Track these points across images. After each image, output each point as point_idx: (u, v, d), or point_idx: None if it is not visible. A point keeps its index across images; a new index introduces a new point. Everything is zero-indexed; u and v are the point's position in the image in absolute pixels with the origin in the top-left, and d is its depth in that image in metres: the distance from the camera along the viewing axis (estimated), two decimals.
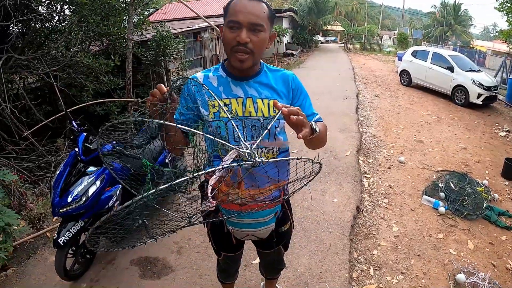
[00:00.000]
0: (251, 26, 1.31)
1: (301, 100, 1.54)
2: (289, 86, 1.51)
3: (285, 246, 1.93)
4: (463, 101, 10.49)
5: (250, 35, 1.31)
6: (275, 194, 1.58)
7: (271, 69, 1.53)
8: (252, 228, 1.65)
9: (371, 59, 22.31)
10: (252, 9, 1.31)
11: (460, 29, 40.36)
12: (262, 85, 1.47)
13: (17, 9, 5.46)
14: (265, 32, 1.34)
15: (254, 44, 1.33)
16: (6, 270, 2.95)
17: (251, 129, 1.44)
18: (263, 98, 1.45)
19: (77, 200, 2.39)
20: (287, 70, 1.58)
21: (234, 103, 1.44)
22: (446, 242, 3.59)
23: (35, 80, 6.97)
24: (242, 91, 1.45)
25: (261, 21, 1.32)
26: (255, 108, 1.44)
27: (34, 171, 5.03)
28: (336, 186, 4.50)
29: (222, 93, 1.45)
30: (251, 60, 1.35)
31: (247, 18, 1.30)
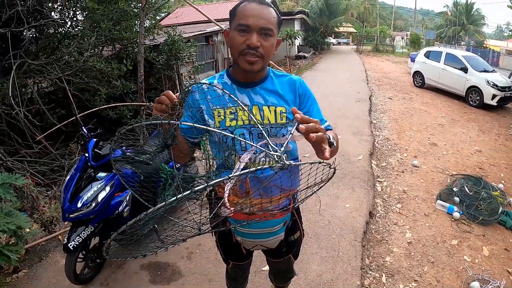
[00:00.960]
0: (261, 31, 1.29)
1: (308, 106, 1.51)
2: (296, 91, 1.47)
3: (295, 255, 1.89)
4: (477, 102, 10.33)
5: (260, 39, 1.30)
6: (284, 203, 1.55)
7: (277, 75, 1.50)
8: (261, 238, 1.61)
9: (383, 61, 22.12)
10: (263, 14, 1.29)
11: (473, 28, 39.71)
12: (268, 91, 1.43)
13: (30, 15, 5.54)
14: (274, 37, 1.33)
15: (264, 49, 1.31)
16: (17, 272, 2.99)
17: (258, 137, 1.40)
18: (269, 105, 1.41)
19: (87, 205, 2.40)
20: (294, 75, 1.54)
21: (240, 111, 1.40)
22: (460, 248, 3.51)
23: (49, 85, 7.06)
24: (247, 98, 1.41)
25: (271, 26, 1.31)
26: (261, 115, 1.40)
27: (47, 175, 5.09)
28: (348, 191, 4.45)
29: (227, 101, 1.39)
30: (260, 63, 1.33)
31: (258, 22, 1.28)
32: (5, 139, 5.38)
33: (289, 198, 1.58)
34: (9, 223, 2.30)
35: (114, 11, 6.41)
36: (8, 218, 2.34)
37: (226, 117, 1.40)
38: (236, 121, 1.39)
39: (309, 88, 1.53)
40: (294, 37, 18.53)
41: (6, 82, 4.89)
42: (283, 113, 1.41)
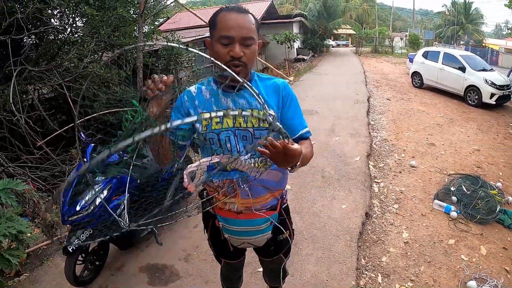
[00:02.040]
0: (243, 41, 1.34)
1: (291, 109, 1.53)
2: (280, 94, 1.50)
3: (286, 254, 1.91)
4: (476, 101, 10.35)
5: (243, 48, 1.35)
6: (272, 202, 1.64)
7: (262, 78, 1.54)
8: (248, 236, 1.66)
9: (382, 62, 22.13)
10: (243, 23, 1.34)
11: (472, 28, 39.64)
12: (252, 95, 1.46)
13: (30, 22, 5.60)
14: (255, 44, 1.38)
15: (247, 57, 1.37)
16: (19, 276, 3.04)
17: (242, 139, 1.47)
18: (253, 108, 1.46)
19: (85, 209, 2.45)
20: (279, 78, 1.57)
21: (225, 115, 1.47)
22: (457, 247, 3.52)
23: (49, 91, 7.12)
24: (232, 102, 1.46)
25: (252, 34, 1.36)
26: (244, 119, 1.45)
27: (48, 180, 5.13)
28: (345, 192, 4.48)
29: (213, 105, 1.48)
30: (244, 71, 1.39)
31: (239, 33, 1.33)
32: (6, 145, 5.43)
33: (276, 198, 1.65)
34: (10, 228, 2.35)
35: (113, 17, 6.46)
36: (9, 223, 2.39)
37: (212, 121, 1.48)
38: (221, 124, 1.46)
39: (293, 92, 1.56)
40: (293, 40, 18.57)
41: (7, 89, 4.94)
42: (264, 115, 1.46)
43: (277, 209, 1.67)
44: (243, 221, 1.59)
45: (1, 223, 2.36)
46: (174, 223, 3.67)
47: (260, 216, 1.59)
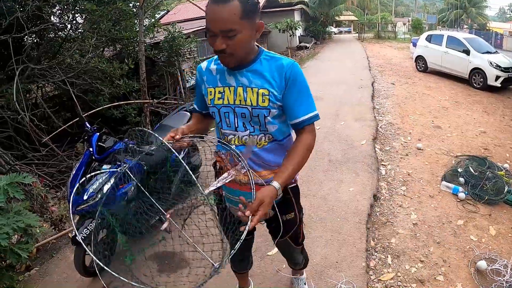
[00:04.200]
0: (223, 33, 1.33)
1: (293, 91, 1.48)
2: (283, 74, 1.45)
3: (293, 239, 1.93)
4: (481, 84, 10.26)
5: (226, 40, 1.34)
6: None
7: (271, 57, 1.51)
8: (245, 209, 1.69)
9: (386, 47, 21.97)
10: (220, 15, 1.30)
11: (475, 11, 39.10)
12: (254, 73, 1.48)
13: (30, 21, 5.60)
14: (240, 33, 1.33)
15: (231, 48, 1.35)
16: (29, 271, 3.06)
17: (241, 116, 1.52)
18: (253, 87, 1.48)
19: (93, 197, 2.46)
20: (289, 58, 1.52)
21: (227, 91, 1.52)
22: (466, 228, 3.50)
23: (53, 89, 7.15)
24: (234, 80, 1.50)
25: (232, 25, 1.31)
26: (244, 96, 1.49)
27: (55, 176, 5.17)
28: (352, 175, 4.46)
29: (218, 81, 1.55)
30: (233, 60, 1.41)
31: (217, 26, 1.32)
32: (12, 143, 5.47)
33: None
34: (19, 222, 2.36)
35: (112, 11, 6.45)
36: (17, 217, 2.40)
37: (215, 96, 1.56)
38: (222, 100, 1.54)
39: (301, 73, 1.50)
40: (295, 28, 18.45)
41: (10, 88, 4.96)
42: (265, 95, 1.47)
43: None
44: (243, 193, 1.57)
45: (10, 217, 2.37)
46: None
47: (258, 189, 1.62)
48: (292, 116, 1.51)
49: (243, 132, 1.55)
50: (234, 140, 1.58)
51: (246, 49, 1.41)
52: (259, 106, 1.48)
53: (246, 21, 1.33)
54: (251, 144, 1.53)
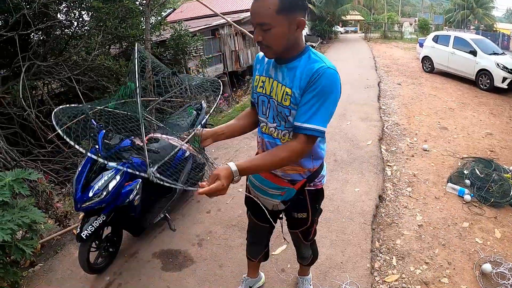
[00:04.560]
0: (259, 26, 1.38)
1: (309, 96, 1.41)
2: (310, 76, 1.40)
3: (304, 235, 1.98)
4: (487, 85, 10.17)
5: (262, 33, 1.38)
6: (294, 176, 1.70)
7: (311, 58, 1.47)
8: (258, 191, 1.81)
9: (392, 47, 21.86)
10: (256, 9, 1.36)
11: (482, 12, 38.72)
12: (290, 71, 1.49)
13: (37, 18, 5.61)
14: (275, 27, 1.35)
15: (267, 41, 1.40)
16: (34, 267, 3.06)
17: (272, 108, 1.58)
18: (282, 84, 1.50)
19: (98, 195, 2.45)
20: (326, 65, 1.42)
21: (267, 81, 1.59)
22: (471, 230, 3.47)
23: (59, 86, 7.17)
24: (274, 72, 1.55)
25: (266, 20, 1.34)
26: (275, 91, 1.53)
27: (60, 173, 5.18)
28: (357, 175, 4.44)
29: (264, 70, 1.62)
30: (270, 52, 1.45)
31: (254, 19, 1.38)
32: (18, 140, 5.49)
33: (300, 174, 1.70)
34: (24, 217, 2.37)
35: (119, 9, 6.45)
36: (23, 213, 2.40)
37: (258, 84, 1.64)
38: (262, 88, 1.61)
39: (330, 85, 1.41)
40: None
41: (17, 85, 4.98)
42: (288, 95, 1.48)
43: (296, 186, 1.71)
44: (262, 178, 1.74)
45: (15, 213, 2.37)
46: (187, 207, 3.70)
47: (275, 181, 1.70)
48: (296, 117, 1.46)
49: (271, 124, 1.60)
50: (265, 128, 1.65)
51: (284, 43, 1.41)
52: (282, 103, 1.51)
53: (283, 16, 1.34)
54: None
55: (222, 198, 3.93)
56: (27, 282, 2.87)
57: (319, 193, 1.83)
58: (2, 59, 5.95)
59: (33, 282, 2.87)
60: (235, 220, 3.52)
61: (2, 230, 2.08)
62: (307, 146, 1.45)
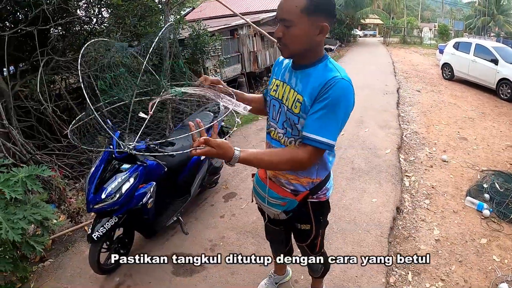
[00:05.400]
0: (282, 22, 1.34)
1: (318, 107, 1.36)
2: (321, 86, 1.36)
3: (309, 247, 1.94)
4: (508, 95, 9.90)
5: (283, 29, 1.35)
6: (297, 186, 1.65)
7: (327, 67, 1.42)
8: (260, 199, 1.80)
9: (411, 53, 21.62)
10: (283, 4, 1.33)
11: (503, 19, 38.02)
12: (304, 77, 1.45)
13: (56, 14, 5.64)
14: (295, 26, 1.32)
15: (286, 39, 1.36)
16: (44, 262, 3.07)
17: (282, 114, 1.55)
18: (294, 90, 1.47)
19: (111, 197, 2.42)
20: (343, 75, 1.37)
21: (281, 86, 1.57)
22: (489, 247, 3.37)
23: (76, 80, 7.21)
24: (289, 77, 1.53)
25: (289, 16, 1.31)
26: (287, 96, 1.50)
27: (75, 167, 5.20)
28: (375, 185, 4.35)
29: (280, 74, 1.60)
30: (287, 51, 1.41)
31: (278, 14, 1.35)
32: (34, 133, 5.53)
33: (303, 185, 1.65)
34: (36, 214, 2.36)
35: (138, 7, 6.44)
36: (34, 209, 2.40)
37: (273, 87, 1.62)
38: (275, 92, 1.59)
39: (341, 97, 1.35)
40: None
41: (34, 79, 5.01)
42: (298, 102, 1.44)
43: (298, 197, 1.66)
44: (264, 186, 1.72)
45: (27, 210, 2.37)
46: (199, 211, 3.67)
47: (277, 190, 1.68)
48: (304, 128, 1.41)
49: (280, 129, 1.57)
50: (273, 133, 1.62)
51: (301, 45, 1.38)
52: (291, 110, 1.47)
53: (307, 17, 1.31)
54: None
55: (236, 203, 3.91)
56: (36, 277, 2.88)
57: (322, 205, 1.77)
58: (21, 53, 6.00)
59: (42, 278, 2.87)
60: (249, 226, 3.47)
61: (13, 229, 2.07)
62: (313, 158, 1.41)
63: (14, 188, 2.19)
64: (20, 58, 6.11)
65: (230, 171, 4.55)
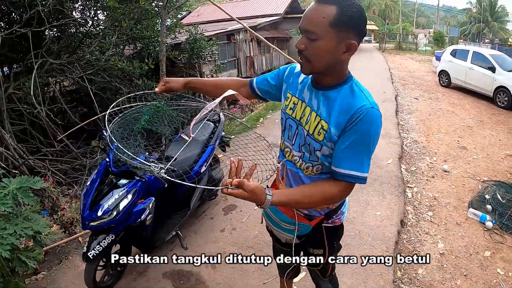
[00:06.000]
0: (306, 33, 1.21)
1: (348, 140, 1.25)
2: (350, 115, 1.24)
3: (321, 272, 1.84)
4: (505, 103, 9.89)
5: (306, 41, 1.21)
6: (312, 211, 1.55)
7: (353, 91, 1.30)
8: (272, 223, 1.71)
9: (407, 59, 21.63)
10: (310, 14, 1.20)
11: (498, 25, 38.53)
12: (327, 101, 1.31)
13: (51, 15, 5.53)
14: (321, 40, 1.18)
15: (309, 52, 1.22)
16: (36, 275, 2.94)
17: (300, 136, 1.42)
18: (317, 114, 1.32)
19: (108, 214, 2.28)
20: (372, 102, 1.26)
21: (299, 104, 1.42)
22: (493, 260, 3.33)
23: (71, 84, 7.09)
24: (309, 97, 1.38)
25: (315, 28, 1.18)
26: (307, 119, 1.37)
27: (68, 173, 5.08)
28: (378, 197, 4.27)
29: (298, 91, 1.44)
30: (308, 67, 1.27)
31: (303, 23, 1.22)
32: (27, 137, 5.40)
33: (318, 209, 1.55)
34: (27, 228, 2.25)
35: (135, 10, 6.34)
36: (26, 223, 2.29)
37: (289, 104, 1.46)
38: (292, 111, 1.44)
39: (371, 128, 1.24)
40: None
41: (28, 81, 4.89)
42: (323, 129, 1.30)
43: (312, 222, 1.56)
44: (277, 210, 1.60)
45: (18, 224, 2.25)
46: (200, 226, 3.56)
47: (290, 215, 1.56)
48: (334, 163, 1.30)
49: (296, 152, 1.45)
50: (288, 155, 1.50)
51: (325, 61, 1.24)
52: (314, 136, 1.33)
53: (335, 31, 1.18)
54: None
55: (237, 216, 3.80)
56: None
57: (337, 229, 1.68)
58: (15, 55, 5.87)
59: None
60: (251, 241, 3.35)
61: (1, 245, 1.95)
62: (347, 193, 1.33)
63: (3, 201, 2.07)
64: (15, 59, 5.99)
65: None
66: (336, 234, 1.69)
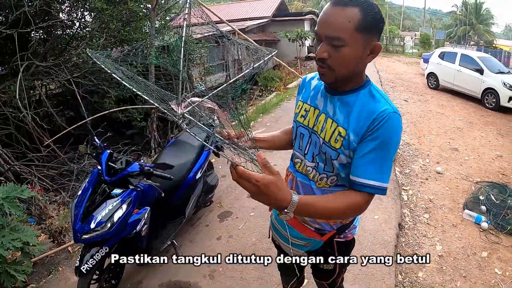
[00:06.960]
0: (328, 40, 1.10)
1: (369, 147, 1.16)
2: (370, 121, 1.16)
3: (330, 285, 1.72)
4: (493, 104, 10.06)
5: (330, 49, 1.11)
6: (323, 225, 1.45)
7: (372, 95, 1.21)
8: (281, 238, 1.59)
9: (394, 61, 21.83)
10: (331, 18, 1.09)
11: (483, 28, 39.22)
12: (344, 106, 1.23)
13: (38, 16, 5.38)
14: (348, 46, 1.09)
15: (333, 61, 1.12)
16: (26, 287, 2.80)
17: (314, 145, 1.33)
18: (333, 120, 1.23)
19: (101, 226, 2.14)
20: (392, 106, 1.18)
21: (311, 112, 1.35)
22: (490, 260, 3.36)
23: (57, 87, 6.92)
24: (323, 103, 1.31)
25: (341, 34, 1.07)
26: (322, 126, 1.28)
27: (55, 179, 4.94)
28: (375, 200, 4.18)
29: (310, 98, 1.38)
30: (332, 76, 1.16)
31: (324, 30, 1.11)
32: (13, 142, 5.24)
33: (330, 225, 1.45)
34: (15, 240, 2.16)
35: (123, 11, 6.21)
36: (14, 234, 2.21)
37: (300, 112, 1.40)
38: (304, 119, 1.37)
39: (393, 135, 1.16)
40: (305, 38, 18.28)
41: (13, 84, 4.74)
42: (340, 136, 1.21)
43: (324, 238, 1.46)
44: (283, 222, 1.49)
45: (5, 235, 2.15)
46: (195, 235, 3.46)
47: (301, 230, 1.46)
48: (353, 171, 1.20)
49: (310, 163, 1.35)
50: (300, 166, 1.41)
51: (350, 69, 1.15)
52: (330, 144, 1.24)
53: (361, 35, 1.09)
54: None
55: (232, 223, 3.71)
56: None
57: (349, 244, 1.59)
58: (0, 57, 5.69)
59: None
60: (249, 249, 3.26)
61: None
62: (368, 204, 1.22)
63: None
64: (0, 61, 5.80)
65: (223, 188, 4.34)
66: (348, 249, 1.60)
